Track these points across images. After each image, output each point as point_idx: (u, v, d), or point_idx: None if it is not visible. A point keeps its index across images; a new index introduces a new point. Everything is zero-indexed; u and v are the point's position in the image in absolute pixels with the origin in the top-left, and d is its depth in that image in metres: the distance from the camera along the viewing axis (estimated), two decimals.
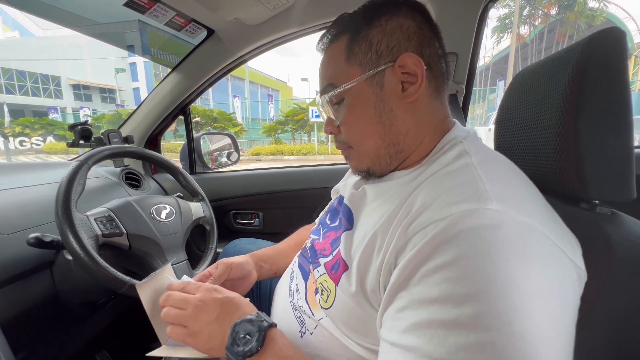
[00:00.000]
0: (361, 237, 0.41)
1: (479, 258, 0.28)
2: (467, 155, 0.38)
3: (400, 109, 0.42)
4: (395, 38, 0.41)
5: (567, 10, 18.15)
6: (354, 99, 0.43)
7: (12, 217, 0.63)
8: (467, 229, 0.29)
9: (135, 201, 0.70)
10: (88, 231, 0.58)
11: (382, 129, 0.42)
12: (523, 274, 0.27)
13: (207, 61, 1.00)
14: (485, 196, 0.31)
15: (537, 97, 0.44)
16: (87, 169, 0.64)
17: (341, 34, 0.44)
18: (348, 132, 0.45)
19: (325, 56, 0.46)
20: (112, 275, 0.56)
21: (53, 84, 22.38)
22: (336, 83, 0.43)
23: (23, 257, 0.61)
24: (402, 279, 0.31)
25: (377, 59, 0.41)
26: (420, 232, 0.32)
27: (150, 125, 1.09)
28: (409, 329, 0.29)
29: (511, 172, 0.38)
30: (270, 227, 1.16)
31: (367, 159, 0.45)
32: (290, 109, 12.97)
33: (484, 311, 0.26)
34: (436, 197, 0.34)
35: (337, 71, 0.44)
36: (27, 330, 0.61)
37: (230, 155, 1.42)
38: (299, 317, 0.47)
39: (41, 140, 16.26)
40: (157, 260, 0.67)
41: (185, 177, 0.86)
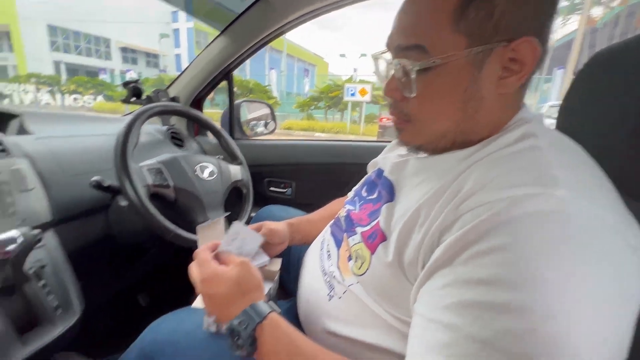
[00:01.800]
0: (403, 210, 0.40)
1: (541, 245, 0.26)
2: (534, 138, 0.34)
3: (490, 98, 0.36)
4: (523, 13, 0.33)
5: None
6: (444, 74, 0.35)
7: (76, 162, 0.70)
8: (530, 213, 0.27)
9: (182, 157, 0.74)
10: (141, 180, 0.63)
11: (462, 116, 0.37)
12: (587, 267, 0.26)
13: (254, 26, 0.99)
14: (553, 181, 0.29)
15: (614, 85, 0.40)
16: (142, 123, 0.68)
17: None
18: (419, 106, 0.38)
19: (422, 4, 0.36)
20: (161, 222, 0.61)
21: (104, 45, 23.58)
22: (429, 48, 0.35)
23: (84, 198, 0.68)
24: (445, 257, 0.31)
25: (492, 34, 0.33)
26: (472, 212, 0.31)
27: (196, 88, 1.13)
28: (450, 307, 0.29)
29: (583, 160, 0.35)
30: (302, 198, 1.19)
31: (426, 138, 0.40)
32: (325, 85, 12.77)
33: (540, 300, 0.25)
34: (494, 177, 0.32)
35: (436, 34, 0.34)
36: (85, 263, 0.69)
37: (267, 125, 1.44)
38: (328, 282, 0.49)
39: (92, 99, 17.45)
40: (198, 215, 0.71)
41: (227, 140, 0.89)
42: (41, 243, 0.54)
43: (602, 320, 0.25)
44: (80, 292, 0.57)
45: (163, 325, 0.51)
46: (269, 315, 0.39)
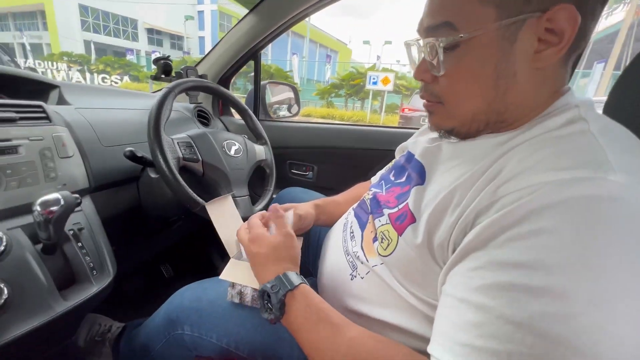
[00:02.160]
0: (435, 193, 0.39)
1: (589, 229, 0.25)
2: (584, 122, 0.32)
3: (524, 74, 0.34)
4: None
5: None
6: (473, 50, 0.34)
7: (111, 133, 0.72)
8: (578, 197, 0.26)
9: (210, 133, 0.75)
10: (173, 152, 0.64)
11: (494, 94, 0.35)
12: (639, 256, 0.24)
13: (283, 5, 0.97)
14: (607, 165, 0.27)
15: None
16: (174, 97, 0.70)
17: None
18: (449, 86, 0.38)
19: None
20: (189, 195, 0.63)
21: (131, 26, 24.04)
22: (457, 24, 0.34)
23: (119, 168, 0.71)
24: (480, 240, 0.30)
25: (524, 3, 0.31)
26: (513, 194, 0.29)
27: (224, 66, 1.13)
28: (484, 288, 0.28)
29: (638, 145, 0.32)
30: (323, 182, 1.19)
31: (458, 120, 0.39)
32: (347, 72, 12.55)
33: (583, 285, 0.24)
34: (539, 160, 0.30)
35: (463, 8, 0.34)
36: (117, 231, 0.72)
37: (291, 108, 1.44)
38: (351, 262, 0.49)
39: (119, 79, 17.99)
40: (224, 189, 0.73)
41: (252, 119, 0.90)
42: (80, 207, 0.57)
43: None
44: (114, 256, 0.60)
45: (188, 292, 0.54)
46: (300, 285, 0.41)
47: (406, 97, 10.72)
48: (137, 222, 0.83)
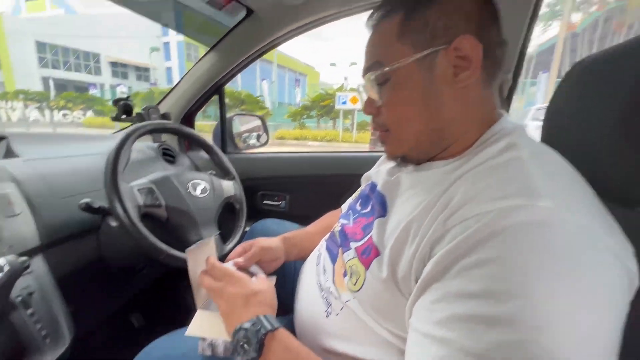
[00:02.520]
0: (395, 225, 0.40)
1: (527, 256, 0.27)
2: (516, 149, 0.36)
3: (449, 94, 0.39)
4: (454, 19, 0.38)
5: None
6: (401, 79, 0.40)
7: (65, 183, 0.68)
8: (515, 224, 0.28)
9: (173, 176, 0.73)
10: (132, 200, 0.62)
11: (427, 114, 0.40)
12: (572, 275, 0.26)
13: (244, 41, 1.00)
14: (536, 192, 0.30)
15: (597, 91, 0.41)
16: (132, 142, 0.68)
17: (394, 11, 0.41)
18: (390, 114, 0.43)
19: (375, 33, 0.43)
20: (152, 243, 0.60)
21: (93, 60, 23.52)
22: (384, 62, 0.41)
23: (74, 220, 0.67)
24: (437, 271, 0.31)
25: (432, 40, 0.38)
26: (461, 225, 0.31)
27: (187, 104, 1.13)
28: (444, 321, 0.29)
29: (564, 170, 0.36)
30: (296, 210, 1.18)
31: (405, 145, 0.43)
32: (317, 94, 12.89)
33: (529, 310, 0.25)
34: (480, 190, 0.33)
35: (387, 49, 0.41)
36: (76, 288, 0.67)
37: (260, 137, 1.44)
38: (325, 298, 0.48)
39: (82, 114, 17.31)
40: (191, 233, 0.71)
41: (219, 155, 0.89)
42: (29, 270, 0.53)
43: (591, 329, 0.26)
44: (71, 318, 0.55)
45: (156, 350, 0.50)
46: (280, 328, 0.41)
47: None
48: (99, 275, 0.78)
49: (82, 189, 0.71)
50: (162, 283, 1.08)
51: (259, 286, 0.46)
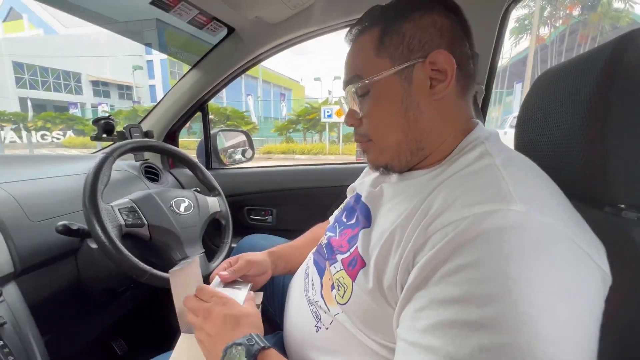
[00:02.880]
0: (379, 235, 0.41)
1: (502, 259, 0.28)
2: (490, 156, 0.38)
3: (427, 105, 0.41)
4: (429, 34, 0.40)
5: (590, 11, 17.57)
6: (380, 91, 0.42)
7: (41, 206, 0.66)
8: (490, 229, 0.29)
9: (156, 194, 0.72)
10: (112, 221, 0.60)
11: (407, 124, 0.42)
12: (546, 276, 0.27)
13: (226, 59, 1.01)
14: (509, 197, 0.31)
15: (562, 98, 0.44)
16: (112, 161, 0.66)
17: (372, 26, 0.43)
18: (371, 124, 0.45)
19: (354, 47, 0.45)
20: (134, 264, 0.59)
21: (74, 80, 23.11)
22: (363, 75, 0.42)
23: (50, 244, 0.64)
24: (420, 279, 0.32)
25: (408, 54, 0.40)
26: (440, 232, 0.32)
27: (170, 121, 1.12)
28: (429, 328, 0.29)
29: (535, 174, 0.37)
30: (283, 224, 1.17)
31: (387, 154, 0.45)
32: (302, 108, 13.02)
33: (507, 312, 0.26)
34: (457, 197, 0.34)
35: (366, 63, 0.43)
36: (53, 314, 0.64)
37: (245, 152, 1.44)
38: (315, 312, 0.48)
39: (61, 134, 16.83)
40: (175, 251, 0.69)
41: (203, 172, 0.88)
42: (0, 299, 0.50)
43: (569, 326, 0.27)
44: (46, 348, 0.52)
45: None
46: (272, 348, 0.40)
47: None
48: (77, 300, 0.74)
49: (59, 211, 0.69)
50: (145, 305, 1.04)
51: (248, 309, 0.46)
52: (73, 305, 0.74)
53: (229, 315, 0.43)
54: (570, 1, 17.81)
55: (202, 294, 0.46)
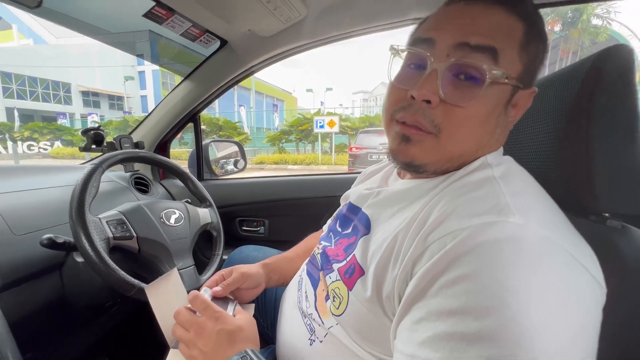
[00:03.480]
0: (380, 242, 0.40)
1: (500, 271, 0.28)
2: (489, 168, 0.38)
3: (504, 131, 0.41)
4: (539, 69, 0.39)
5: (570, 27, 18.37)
6: (497, 92, 0.36)
7: (25, 219, 0.64)
8: (488, 241, 0.29)
9: (145, 205, 0.71)
10: (100, 233, 0.59)
11: (488, 140, 0.39)
12: (544, 288, 0.27)
13: (218, 70, 1.02)
14: (507, 209, 0.31)
15: (546, 111, 0.45)
16: (101, 173, 0.65)
17: (518, 13, 0.36)
18: (459, 119, 0.35)
19: (498, 17, 0.35)
20: (122, 278, 0.57)
21: (63, 90, 22.84)
22: (501, 59, 0.34)
23: (34, 258, 0.62)
24: (419, 290, 0.31)
25: (530, 76, 0.38)
26: (438, 242, 0.32)
27: (161, 132, 1.12)
28: (427, 341, 0.29)
29: (532, 187, 0.38)
30: (276, 235, 1.16)
31: (440, 156, 0.38)
32: (294, 118, 13.12)
33: (506, 324, 0.26)
34: (455, 207, 0.34)
35: (509, 46, 0.35)
36: (34, 331, 0.61)
37: (237, 163, 1.43)
38: (309, 325, 0.47)
39: (49, 145, 16.51)
40: (165, 264, 0.67)
41: (194, 183, 0.87)
42: None
43: (567, 337, 0.26)
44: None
45: None
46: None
47: (352, 137, 11.43)
48: (61, 316, 0.72)
49: (45, 224, 0.67)
50: (132, 321, 1.01)
51: (242, 321, 0.44)
52: (56, 321, 0.71)
53: (223, 330, 0.41)
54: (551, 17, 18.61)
55: (196, 303, 0.44)
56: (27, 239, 0.62)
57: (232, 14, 0.77)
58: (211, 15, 0.77)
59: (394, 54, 0.40)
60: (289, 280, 0.63)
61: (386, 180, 0.53)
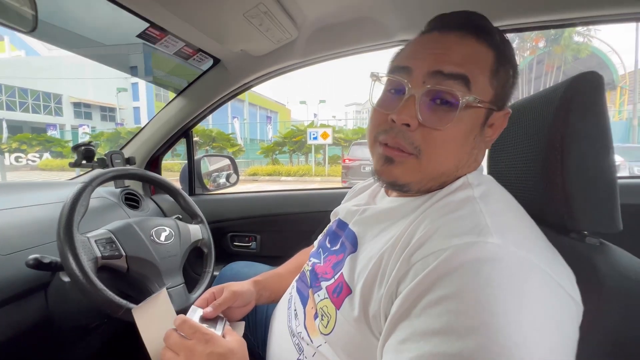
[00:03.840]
0: (366, 260, 0.41)
1: (479, 291, 0.28)
2: (470, 188, 0.39)
3: (481, 151, 0.43)
4: (511, 91, 0.41)
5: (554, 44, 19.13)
6: (472, 115, 0.38)
7: (11, 238, 0.63)
8: (468, 261, 0.30)
9: (135, 223, 0.70)
10: (88, 253, 0.58)
11: (466, 160, 0.41)
12: (522, 308, 0.28)
13: (211, 88, 1.04)
14: (486, 230, 0.32)
15: (526, 132, 0.47)
16: (91, 191, 0.65)
17: (487, 42, 0.39)
18: (436, 142, 0.38)
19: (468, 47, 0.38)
20: (109, 299, 0.56)
21: (54, 101, 22.64)
22: (473, 85, 0.37)
23: (19, 278, 0.61)
24: (403, 309, 0.32)
25: (502, 98, 0.40)
26: (422, 261, 0.33)
27: (153, 147, 1.12)
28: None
29: (510, 207, 0.39)
30: (267, 251, 1.16)
31: (421, 176, 0.40)
32: (288, 130, 13.18)
33: (486, 344, 0.26)
34: (438, 227, 0.35)
35: (480, 74, 0.38)
36: (19, 353, 0.59)
37: (230, 177, 1.43)
38: (297, 344, 0.47)
39: (37, 156, 16.21)
40: (154, 283, 0.67)
41: (185, 199, 0.87)
42: None
43: (545, 354, 0.27)
44: None
45: None
46: None
47: (345, 148, 11.52)
48: (47, 337, 0.70)
49: (31, 243, 0.66)
50: (120, 341, 0.98)
51: (232, 344, 0.43)
52: (42, 343, 0.69)
53: (214, 353, 0.40)
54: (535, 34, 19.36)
55: (184, 328, 0.43)
56: (12, 258, 0.61)
57: (225, 34, 0.79)
58: (204, 35, 0.79)
59: (375, 80, 0.43)
60: (280, 297, 0.62)
61: (374, 197, 0.54)
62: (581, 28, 17.95)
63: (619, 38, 25.70)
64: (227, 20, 0.73)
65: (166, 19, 0.73)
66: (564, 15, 0.73)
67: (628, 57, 19.92)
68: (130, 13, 0.70)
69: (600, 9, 0.70)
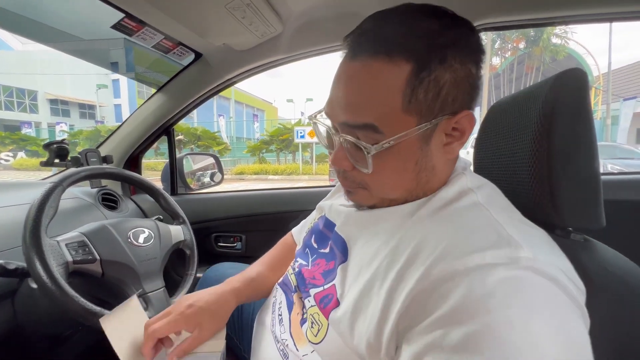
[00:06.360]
0: (357, 271, 0.39)
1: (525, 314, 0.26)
2: (472, 193, 0.38)
3: (440, 164, 0.39)
4: (462, 91, 0.35)
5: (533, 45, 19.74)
6: (398, 151, 0.35)
7: None
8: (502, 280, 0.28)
9: (111, 225, 0.67)
10: (57, 258, 0.54)
11: (415, 184, 0.39)
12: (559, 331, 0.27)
13: (193, 83, 1.00)
14: (513, 242, 0.31)
15: (511, 129, 0.47)
16: (62, 191, 0.61)
17: (396, 57, 0.33)
18: (375, 180, 0.38)
19: (368, 85, 0.34)
20: (82, 306, 0.53)
21: (29, 98, 21.63)
22: (382, 128, 0.34)
23: None
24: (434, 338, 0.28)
25: (439, 111, 0.35)
26: (446, 284, 0.29)
27: (132, 145, 1.07)
28: None
29: (513, 209, 0.38)
30: (253, 251, 1.13)
31: (379, 200, 0.41)
32: (275, 128, 13.09)
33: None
34: (454, 240, 0.32)
35: (388, 113, 0.34)
36: None
37: (214, 176, 1.40)
38: (282, 351, 0.45)
39: (11, 155, 15.46)
40: (131, 287, 0.63)
41: (166, 198, 0.84)
42: None
43: None
44: None
45: None
46: None
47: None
48: (17, 348, 0.65)
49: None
50: (96, 351, 0.94)
51: None
52: (11, 355, 0.65)
53: None
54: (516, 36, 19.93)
55: None
56: None
57: (206, 27, 0.76)
58: (184, 28, 0.75)
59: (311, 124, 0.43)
60: (265, 296, 0.59)
61: None
62: (559, 30, 18.63)
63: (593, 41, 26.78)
64: (207, 12, 0.70)
65: (143, 10, 0.69)
66: (545, 14, 0.74)
67: (602, 60, 20.78)
68: (104, 3, 0.66)
69: (579, 9, 0.71)
